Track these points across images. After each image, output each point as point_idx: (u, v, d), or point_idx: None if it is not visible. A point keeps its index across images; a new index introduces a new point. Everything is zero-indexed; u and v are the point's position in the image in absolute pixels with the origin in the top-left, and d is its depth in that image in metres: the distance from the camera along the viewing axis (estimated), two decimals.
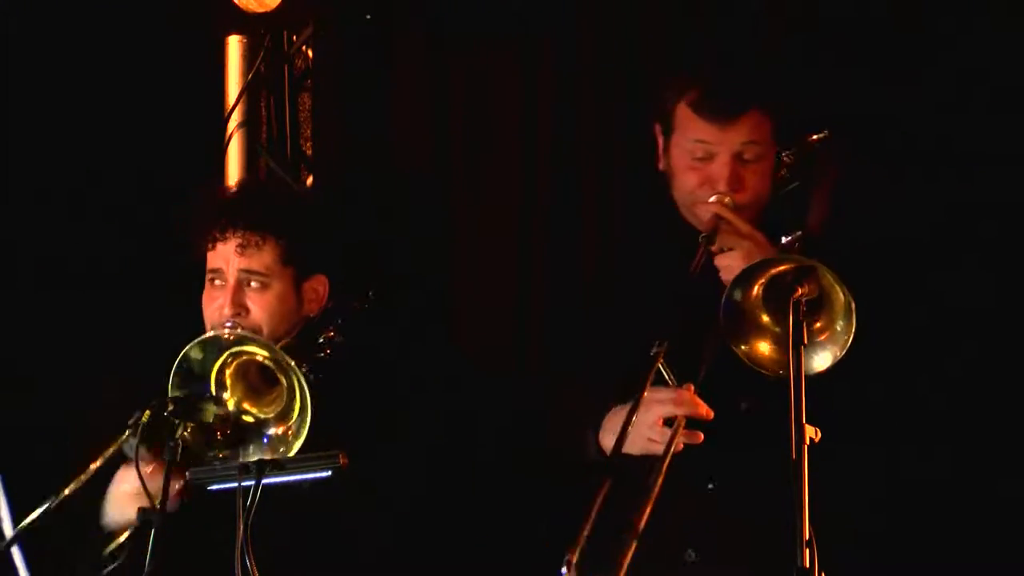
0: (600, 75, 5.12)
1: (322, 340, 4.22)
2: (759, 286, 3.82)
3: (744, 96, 4.10)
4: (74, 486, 3.94)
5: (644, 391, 3.80)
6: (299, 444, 3.91)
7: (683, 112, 4.15)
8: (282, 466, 3.87)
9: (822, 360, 3.74)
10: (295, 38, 5.48)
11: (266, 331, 4.17)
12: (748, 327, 3.82)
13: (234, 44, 5.42)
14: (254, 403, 4.00)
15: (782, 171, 4.19)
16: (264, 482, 3.82)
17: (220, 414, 3.93)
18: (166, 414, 3.88)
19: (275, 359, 3.93)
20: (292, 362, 3.89)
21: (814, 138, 4.22)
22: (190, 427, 3.89)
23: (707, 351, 3.97)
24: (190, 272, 4.31)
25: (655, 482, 3.77)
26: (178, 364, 3.92)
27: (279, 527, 4.03)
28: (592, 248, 5.08)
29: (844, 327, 3.73)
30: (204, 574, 4.02)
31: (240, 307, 4.18)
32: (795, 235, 4.03)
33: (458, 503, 4.41)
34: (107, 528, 4.08)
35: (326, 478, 3.90)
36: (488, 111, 5.24)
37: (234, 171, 5.34)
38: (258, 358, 3.97)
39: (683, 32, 5.02)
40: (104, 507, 4.08)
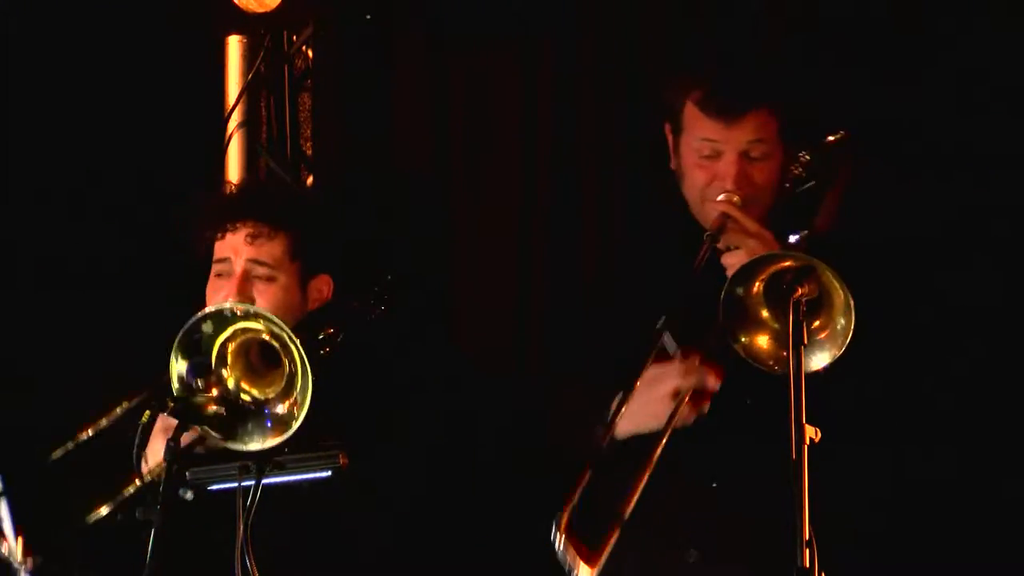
0: (600, 75, 5.13)
1: (322, 337, 4.21)
2: (760, 282, 3.82)
3: (749, 94, 4.10)
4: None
5: (646, 366, 3.80)
6: (296, 426, 3.88)
7: (690, 111, 4.15)
8: (282, 466, 3.87)
9: (820, 359, 3.75)
10: (295, 38, 5.49)
11: None
12: (747, 322, 3.82)
13: (234, 44, 5.42)
14: (252, 383, 3.98)
15: (798, 170, 4.19)
16: (264, 482, 3.82)
17: (217, 411, 3.91)
18: (165, 414, 3.89)
19: (279, 336, 3.89)
20: (297, 341, 3.87)
21: (831, 139, 4.23)
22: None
23: (709, 347, 3.97)
24: (190, 272, 4.31)
25: (650, 458, 3.78)
26: (184, 334, 3.90)
27: (279, 527, 4.03)
28: (592, 248, 5.09)
29: (843, 326, 3.73)
30: (204, 574, 4.02)
31: (245, 298, 4.18)
32: (803, 234, 4.03)
33: (458, 503, 4.41)
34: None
35: (326, 478, 3.90)
36: (488, 111, 5.24)
37: (234, 171, 5.35)
38: (262, 336, 3.94)
39: (683, 32, 5.02)
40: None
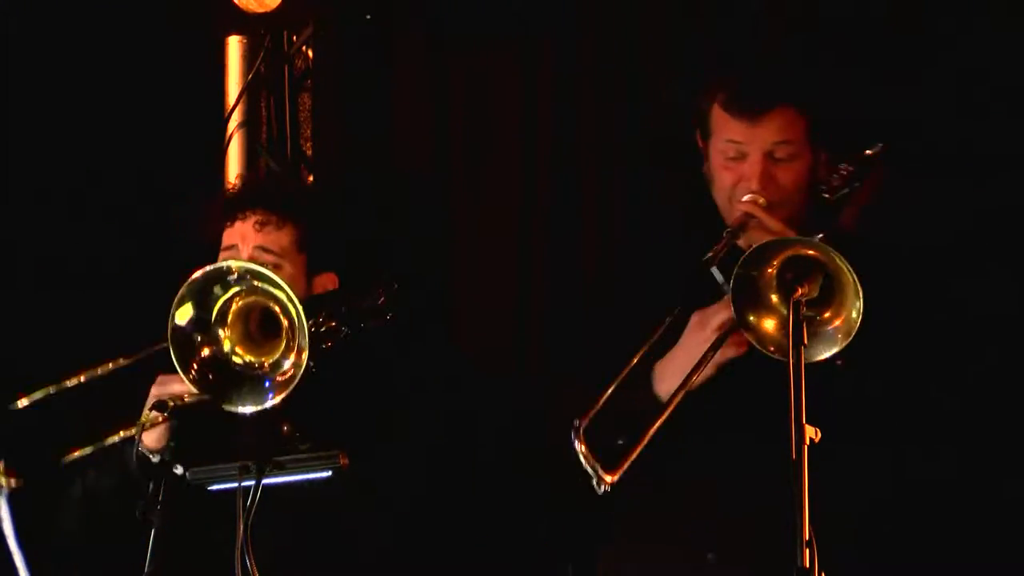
0: (600, 75, 5.13)
1: (324, 329, 4.20)
2: (773, 267, 3.82)
3: (769, 92, 4.11)
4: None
5: (658, 333, 3.84)
6: (287, 392, 3.88)
7: (717, 114, 4.17)
8: (282, 466, 3.87)
9: (826, 350, 3.75)
10: (295, 38, 5.49)
11: None
12: (757, 305, 3.82)
13: (234, 44, 5.42)
14: (247, 348, 3.98)
15: (837, 181, 4.19)
16: (264, 482, 3.82)
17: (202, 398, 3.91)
18: (166, 414, 3.89)
19: (278, 298, 3.88)
20: (296, 301, 3.86)
21: (870, 152, 4.24)
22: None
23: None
24: (190, 272, 4.30)
25: (684, 384, 3.85)
26: (189, 287, 3.91)
27: (279, 527, 4.03)
28: (592, 248, 5.09)
29: (852, 318, 3.73)
30: (204, 574, 4.02)
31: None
32: (820, 236, 4.03)
33: (458, 503, 4.41)
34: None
35: (326, 478, 3.90)
36: (488, 111, 5.24)
37: (234, 171, 5.34)
38: (264, 303, 3.93)
39: (683, 32, 5.02)
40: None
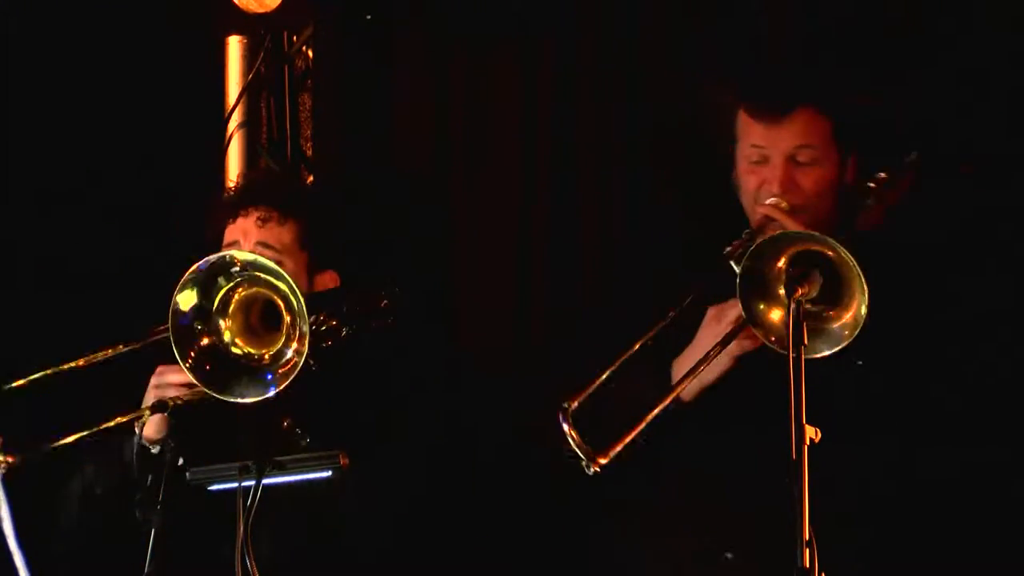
0: (600, 75, 5.12)
1: (325, 328, 4.20)
2: (782, 261, 3.82)
3: (788, 94, 4.12)
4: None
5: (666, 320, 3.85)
6: (288, 382, 3.88)
7: (742, 119, 4.19)
8: (282, 466, 3.87)
9: (833, 344, 3.75)
10: (295, 38, 5.48)
11: None
12: (765, 295, 3.82)
13: (234, 44, 5.42)
14: (247, 340, 3.98)
15: (871, 187, 4.20)
16: (264, 482, 3.82)
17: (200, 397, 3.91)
18: (166, 413, 3.89)
19: (279, 288, 3.89)
20: (299, 292, 3.86)
21: (907, 161, 4.25)
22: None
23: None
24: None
25: (694, 371, 3.87)
26: (192, 277, 3.91)
27: (279, 527, 4.03)
28: (592, 248, 5.09)
29: (856, 316, 3.73)
30: (204, 574, 4.02)
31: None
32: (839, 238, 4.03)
33: (458, 503, 4.41)
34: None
35: (326, 478, 3.90)
36: (488, 111, 5.24)
37: (234, 171, 5.34)
38: (266, 295, 3.94)
39: (683, 32, 5.02)
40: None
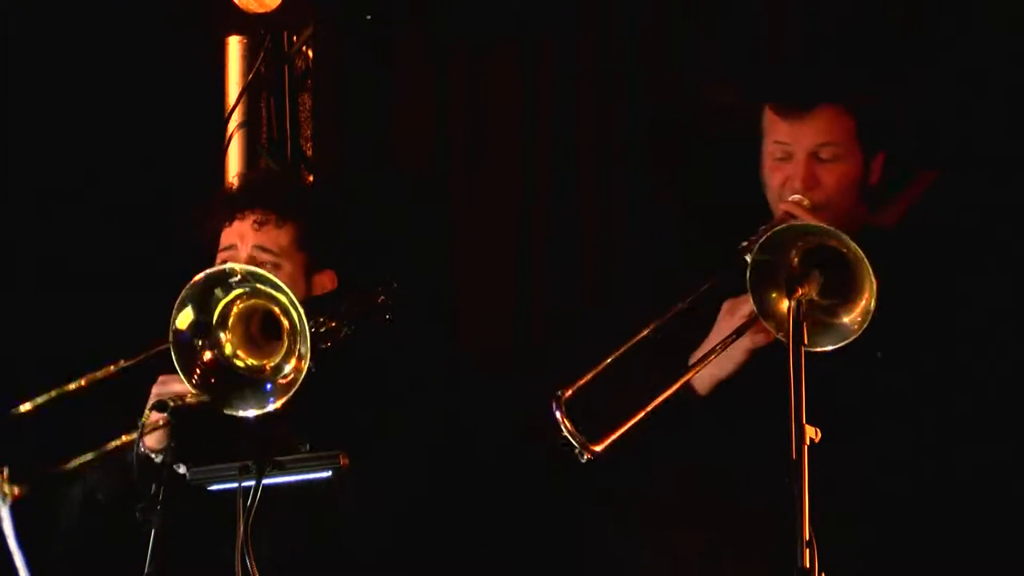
0: (600, 75, 5.12)
1: (324, 330, 4.20)
2: (793, 255, 3.83)
3: (812, 90, 4.13)
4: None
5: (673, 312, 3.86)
6: (287, 396, 3.88)
7: (768, 116, 4.21)
8: (282, 466, 3.87)
9: (839, 339, 3.76)
10: (295, 38, 5.48)
11: None
12: (777, 286, 3.83)
13: (234, 44, 5.42)
14: (249, 352, 3.98)
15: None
16: (264, 482, 3.82)
17: (203, 400, 3.91)
18: (166, 413, 3.89)
19: (280, 300, 3.89)
20: (298, 304, 3.87)
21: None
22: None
23: None
24: (190, 272, 4.31)
25: (704, 361, 3.88)
26: (189, 292, 3.91)
27: (279, 527, 4.03)
28: (592, 248, 5.09)
29: (865, 311, 3.74)
30: (204, 574, 4.02)
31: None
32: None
33: (458, 503, 4.41)
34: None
35: (326, 478, 3.90)
36: (488, 111, 5.24)
37: (234, 171, 5.34)
38: (265, 306, 3.94)
39: (683, 32, 5.02)
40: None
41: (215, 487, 3.92)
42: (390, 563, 4.17)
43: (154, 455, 4.01)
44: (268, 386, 3.92)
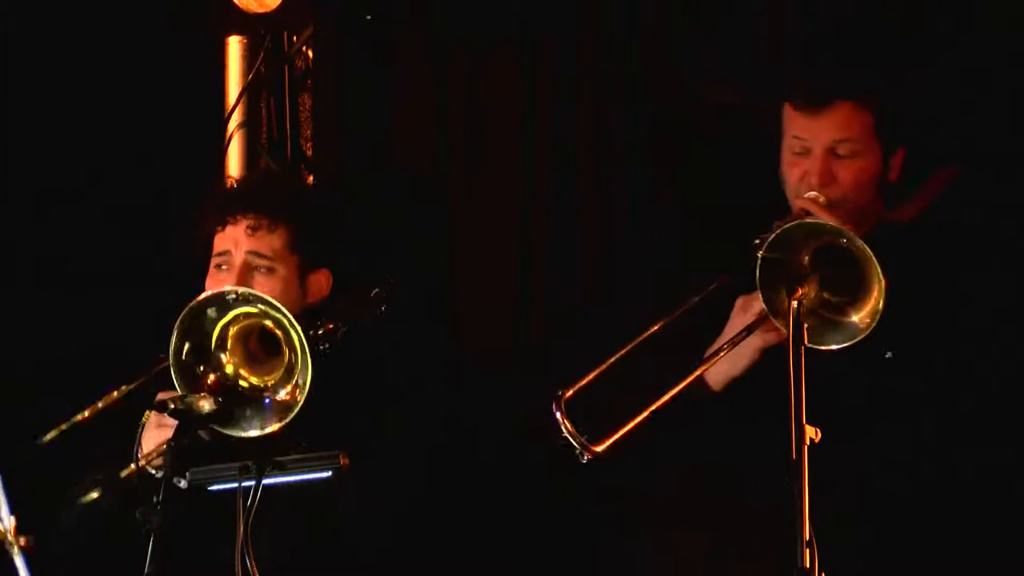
0: (600, 75, 5.12)
1: (322, 332, 4.20)
2: (803, 253, 3.83)
3: (829, 86, 4.13)
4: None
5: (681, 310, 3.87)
6: (293, 414, 3.88)
7: (787, 111, 4.21)
8: (282, 466, 3.87)
9: (850, 335, 3.75)
10: (295, 38, 5.48)
11: None
12: (784, 284, 3.83)
13: (234, 44, 5.42)
14: (251, 370, 3.99)
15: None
16: (264, 482, 3.82)
17: (213, 407, 3.91)
18: (167, 413, 3.89)
19: (279, 321, 3.89)
20: (297, 326, 3.87)
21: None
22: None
23: None
24: (190, 272, 4.31)
25: (709, 360, 3.88)
26: (186, 316, 3.91)
27: (279, 527, 4.03)
28: (592, 248, 5.09)
29: (873, 310, 3.74)
30: (204, 574, 4.02)
31: None
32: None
33: (458, 503, 4.41)
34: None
35: (326, 478, 3.90)
36: (488, 111, 5.24)
37: (234, 171, 5.34)
38: (263, 323, 3.94)
39: (683, 32, 5.02)
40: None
41: (215, 487, 3.92)
42: (390, 563, 4.17)
43: (155, 471, 4.01)
44: (267, 401, 3.93)
